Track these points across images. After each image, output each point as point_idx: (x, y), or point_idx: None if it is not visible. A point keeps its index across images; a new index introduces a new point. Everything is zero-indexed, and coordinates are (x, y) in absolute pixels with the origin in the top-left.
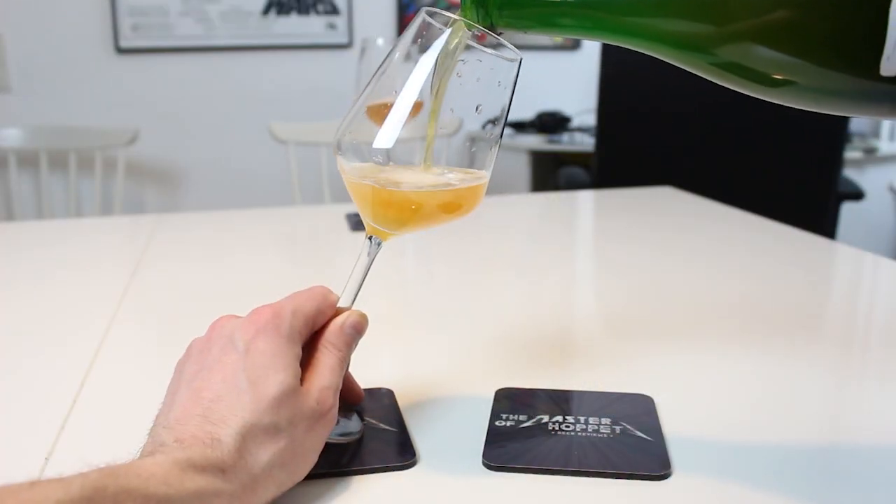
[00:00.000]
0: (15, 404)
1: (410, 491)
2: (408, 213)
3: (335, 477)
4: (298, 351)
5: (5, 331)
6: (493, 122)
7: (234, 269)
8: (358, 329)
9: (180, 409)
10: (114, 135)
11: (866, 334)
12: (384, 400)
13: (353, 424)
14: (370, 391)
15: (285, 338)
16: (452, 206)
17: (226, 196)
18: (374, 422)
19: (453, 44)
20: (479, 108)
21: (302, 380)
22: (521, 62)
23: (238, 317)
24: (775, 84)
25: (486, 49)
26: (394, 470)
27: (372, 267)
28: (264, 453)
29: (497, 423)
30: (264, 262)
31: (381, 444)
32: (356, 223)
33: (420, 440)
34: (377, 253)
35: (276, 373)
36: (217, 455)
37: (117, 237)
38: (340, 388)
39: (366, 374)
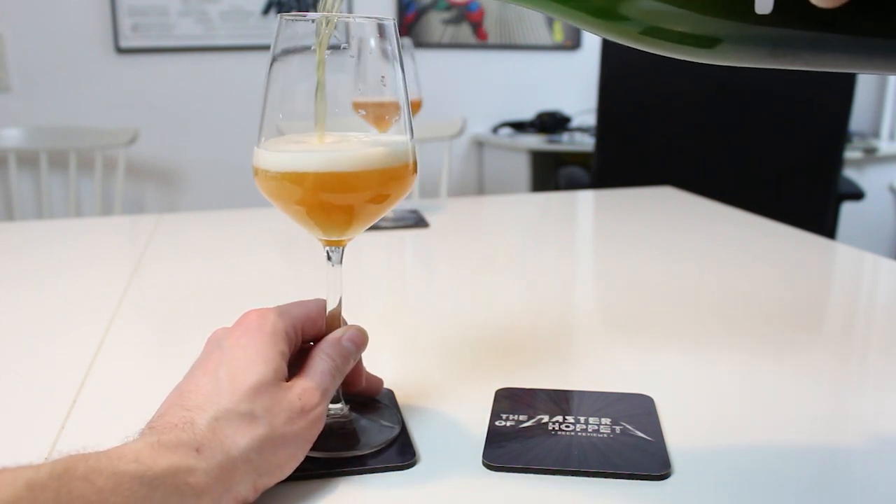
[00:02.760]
0: (15, 404)
1: (410, 491)
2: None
3: (335, 477)
4: (283, 348)
5: (5, 330)
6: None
7: (234, 269)
8: (356, 343)
9: (164, 405)
10: (114, 135)
11: (866, 334)
12: (384, 400)
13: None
14: None
15: (268, 335)
16: (382, 176)
17: (226, 196)
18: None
19: (327, 7)
20: (384, 79)
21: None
22: (396, 22)
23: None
24: (668, 38)
25: (361, 19)
26: (394, 470)
27: (373, 267)
28: (241, 438)
29: (497, 423)
30: (264, 262)
31: (382, 445)
32: None
33: (420, 440)
34: (341, 257)
35: (255, 365)
36: (189, 436)
37: (117, 237)
38: (332, 393)
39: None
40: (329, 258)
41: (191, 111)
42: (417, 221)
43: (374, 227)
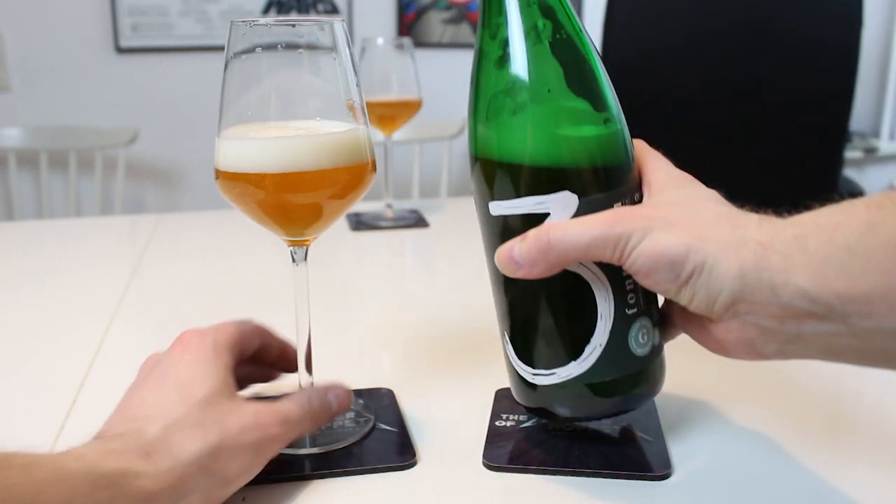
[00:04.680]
0: (14, 405)
1: (410, 491)
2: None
3: (335, 477)
4: (228, 361)
5: (5, 331)
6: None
7: (234, 269)
8: (339, 401)
9: (108, 422)
10: (114, 135)
11: None
12: (384, 400)
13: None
14: (370, 391)
15: (210, 349)
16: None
17: None
18: (373, 420)
19: None
20: (358, 82)
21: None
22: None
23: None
24: None
25: (333, 22)
26: (394, 470)
27: (373, 267)
28: (192, 444)
29: (497, 423)
30: (264, 262)
31: (381, 444)
32: (356, 223)
33: (420, 440)
34: (305, 256)
35: (203, 378)
36: (137, 442)
37: (117, 237)
38: (295, 427)
39: (366, 374)
40: (293, 259)
41: (191, 111)
42: (417, 221)
43: (374, 227)
